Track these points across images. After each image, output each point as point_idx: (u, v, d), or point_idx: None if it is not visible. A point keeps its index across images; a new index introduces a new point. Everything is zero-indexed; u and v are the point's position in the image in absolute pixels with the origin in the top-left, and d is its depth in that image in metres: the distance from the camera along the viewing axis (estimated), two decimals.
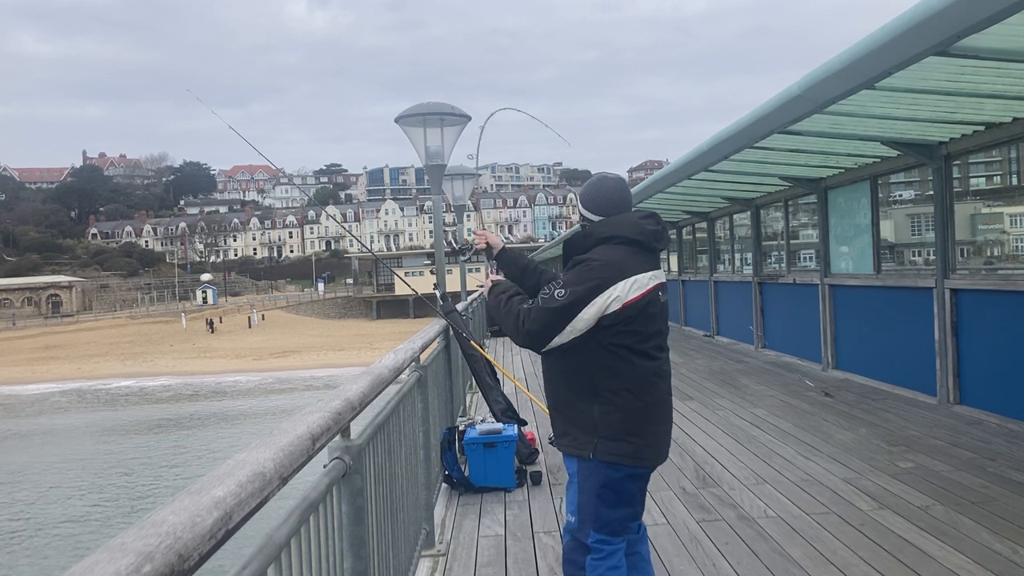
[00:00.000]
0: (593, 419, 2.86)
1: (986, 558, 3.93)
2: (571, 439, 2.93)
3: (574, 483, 2.94)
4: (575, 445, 2.91)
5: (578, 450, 2.90)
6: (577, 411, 2.90)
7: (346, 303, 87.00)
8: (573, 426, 2.92)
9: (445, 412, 6.04)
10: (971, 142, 7.15)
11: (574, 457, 2.93)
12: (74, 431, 32.19)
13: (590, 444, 2.86)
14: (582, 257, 2.89)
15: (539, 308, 2.83)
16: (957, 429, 6.70)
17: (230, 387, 42.27)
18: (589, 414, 2.87)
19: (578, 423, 2.90)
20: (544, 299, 2.83)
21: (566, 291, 2.80)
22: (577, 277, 2.83)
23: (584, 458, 2.88)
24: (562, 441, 2.99)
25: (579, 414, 2.90)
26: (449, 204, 14.26)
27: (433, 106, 7.26)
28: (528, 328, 2.84)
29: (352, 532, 2.39)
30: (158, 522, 1.06)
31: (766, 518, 4.75)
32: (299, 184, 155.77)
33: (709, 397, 8.89)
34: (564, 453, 3.02)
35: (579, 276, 2.83)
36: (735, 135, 7.44)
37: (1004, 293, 6.88)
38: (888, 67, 4.89)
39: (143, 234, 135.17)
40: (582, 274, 2.83)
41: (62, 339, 64.12)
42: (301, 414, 1.95)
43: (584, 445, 2.87)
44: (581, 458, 2.90)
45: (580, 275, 2.83)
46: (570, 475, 2.99)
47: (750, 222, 13.21)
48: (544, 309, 2.81)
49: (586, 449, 2.87)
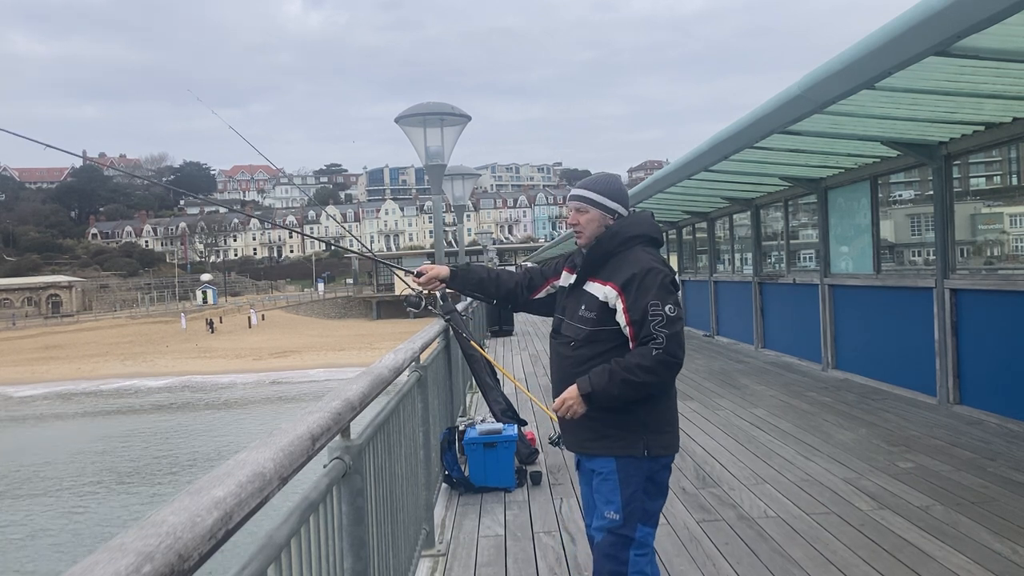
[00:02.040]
0: (640, 417, 2.87)
1: (986, 558, 3.93)
2: (613, 440, 2.88)
3: (610, 480, 2.88)
4: (621, 446, 2.87)
5: (627, 450, 2.86)
6: (624, 412, 2.86)
7: (346, 303, 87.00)
8: (616, 427, 2.87)
9: (445, 412, 6.04)
10: (971, 142, 7.15)
11: (611, 456, 2.88)
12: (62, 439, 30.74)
13: (640, 441, 2.86)
14: (642, 268, 2.85)
15: (672, 335, 2.78)
16: (957, 429, 6.70)
17: (227, 387, 42.27)
18: (635, 412, 2.87)
19: (622, 424, 2.87)
20: (666, 325, 2.78)
21: (672, 305, 2.82)
22: (666, 288, 2.83)
23: (631, 455, 2.86)
24: (596, 445, 2.92)
25: (625, 414, 2.86)
26: (449, 204, 14.27)
27: (433, 106, 7.27)
28: (679, 357, 2.81)
29: (352, 532, 2.39)
30: (158, 522, 1.06)
31: (766, 518, 4.75)
32: (299, 184, 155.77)
33: (709, 397, 8.89)
34: (599, 455, 2.93)
35: (666, 286, 2.84)
36: (735, 135, 7.43)
37: (1004, 293, 6.88)
38: (888, 67, 4.89)
39: (143, 234, 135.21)
40: (666, 281, 2.85)
41: (62, 339, 64.11)
42: (301, 414, 1.95)
43: (633, 444, 2.86)
44: (624, 456, 2.86)
45: (666, 285, 2.84)
46: (603, 474, 2.90)
47: (750, 222, 13.21)
48: (675, 333, 2.79)
49: (636, 448, 2.86)
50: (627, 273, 2.85)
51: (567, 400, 2.90)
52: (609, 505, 2.88)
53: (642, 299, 2.81)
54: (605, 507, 2.89)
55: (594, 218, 2.98)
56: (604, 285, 2.90)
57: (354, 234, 10.17)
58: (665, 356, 2.76)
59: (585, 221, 2.99)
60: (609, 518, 2.87)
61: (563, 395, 2.93)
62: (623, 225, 2.97)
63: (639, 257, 2.89)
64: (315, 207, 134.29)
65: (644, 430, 2.87)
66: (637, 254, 2.91)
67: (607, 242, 2.94)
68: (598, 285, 2.92)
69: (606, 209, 2.99)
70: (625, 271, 2.86)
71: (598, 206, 3.00)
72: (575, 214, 3.01)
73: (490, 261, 50.73)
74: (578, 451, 3.05)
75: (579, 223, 3.00)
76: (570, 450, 3.10)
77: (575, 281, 3.03)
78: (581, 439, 2.97)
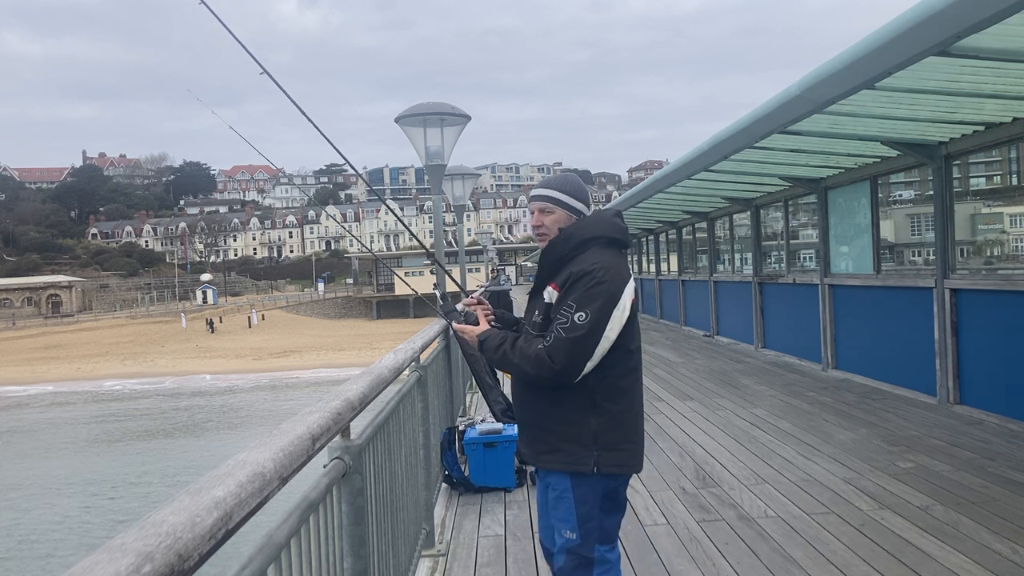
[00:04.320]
0: (591, 431, 2.72)
1: (986, 558, 3.93)
2: (564, 455, 2.74)
3: (566, 499, 2.76)
4: (571, 461, 2.73)
5: (576, 466, 2.73)
6: (572, 425, 2.73)
7: (346, 303, 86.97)
8: (568, 442, 2.74)
9: (445, 412, 6.04)
10: (971, 142, 7.15)
11: (565, 473, 2.75)
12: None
13: (590, 458, 2.72)
14: (580, 269, 2.68)
15: (564, 340, 2.61)
16: (957, 429, 6.70)
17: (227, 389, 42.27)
18: (586, 426, 2.72)
19: (573, 438, 2.73)
20: (565, 328, 2.62)
21: (585, 313, 2.61)
22: (589, 293, 2.63)
23: (584, 473, 2.73)
24: (550, 458, 2.79)
25: (574, 428, 2.73)
26: (449, 204, 14.26)
27: (433, 106, 7.27)
28: (560, 367, 2.62)
29: (352, 532, 2.39)
30: (158, 522, 1.06)
31: (766, 518, 4.75)
32: (299, 184, 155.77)
33: (709, 397, 8.89)
34: (550, 470, 2.82)
35: (591, 292, 2.63)
36: (735, 135, 7.44)
37: (1004, 293, 6.88)
38: (888, 67, 4.89)
39: (143, 234, 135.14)
40: (592, 289, 2.64)
41: (62, 339, 64.13)
42: (301, 414, 1.95)
43: (583, 460, 2.72)
44: (579, 473, 2.73)
45: (591, 290, 2.64)
46: (558, 491, 2.78)
47: (750, 222, 13.21)
48: (570, 339, 2.61)
49: (586, 464, 2.72)
50: (566, 274, 2.71)
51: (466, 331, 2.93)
52: (565, 524, 2.77)
53: (564, 299, 2.68)
54: (561, 525, 2.78)
55: (559, 219, 2.82)
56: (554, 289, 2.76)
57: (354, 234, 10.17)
58: (544, 355, 2.63)
59: (550, 222, 2.83)
60: (567, 537, 2.76)
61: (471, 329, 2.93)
62: (577, 227, 2.79)
63: (586, 258, 2.71)
64: (315, 207, 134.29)
65: (595, 446, 2.72)
66: (587, 255, 2.72)
67: (560, 246, 2.78)
68: (549, 288, 2.78)
69: (572, 210, 2.84)
70: (566, 272, 2.71)
71: (564, 206, 2.84)
72: (539, 215, 2.84)
73: (490, 261, 50.74)
74: (533, 463, 2.94)
75: (543, 224, 2.83)
76: (525, 462, 3.03)
77: (533, 288, 2.90)
78: (536, 451, 2.85)
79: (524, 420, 2.91)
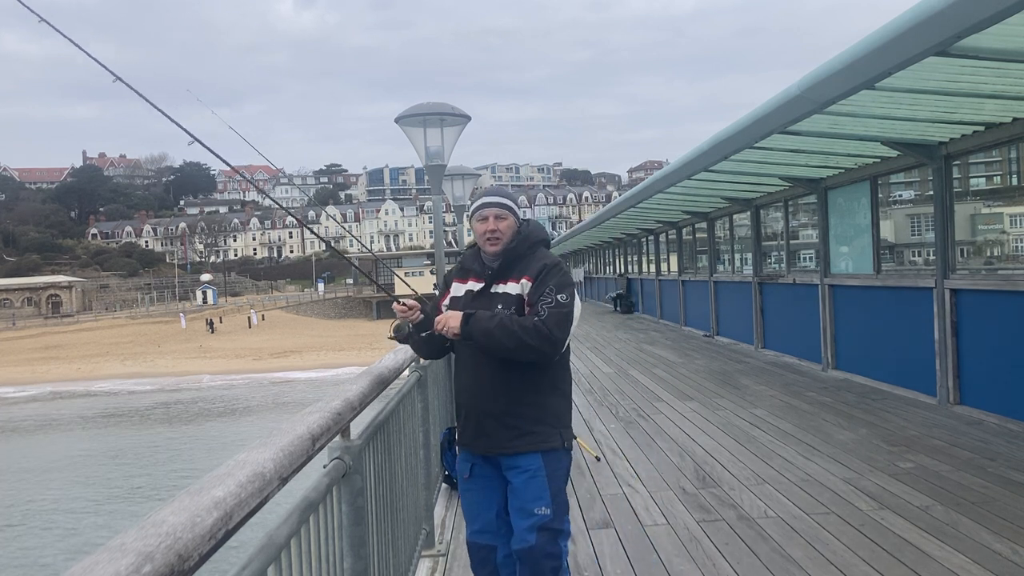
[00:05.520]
0: (556, 411, 3.11)
1: (986, 558, 3.93)
2: (535, 436, 3.05)
3: (539, 477, 3.02)
4: (542, 439, 3.05)
5: (547, 443, 3.05)
6: (541, 407, 3.07)
7: (346, 303, 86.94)
8: (538, 423, 3.05)
9: (445, 412, 6.03)
10: (971, 142, 7.15)
11: (536, 452, 3.03)
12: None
13: (556, 435, 3.08)
14: (550, 261, 3.10)
15: (555, 313, 2.97)
16: (957, 429, 6.70)
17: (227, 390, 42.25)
18: (552, 407, 3.10)
19: (542, 419, 3.06)
20: (552, 307, 2.98)
21: (565, 295, 3.00)
22: (564, 280, 3.05)
23: (553, 449, 3.06)
24: (521, 442, 3.04)
25: (542, 410, 3.07)
26: (449, 204, 14.27)
27: (433, 106, 7.27)
28: (556, 337, 2.95)
29: (352, 532, 2.39)
30: (158, 522, 1.06)
31: (766, 518, 4.75)
32: (299, 184, 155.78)
33: (709, 397, 8.89)
34: (520, 453, 3.04)
35: (564, 280, 3.06)
36: (735, 135, 7.44)
37: (1004, 293, 6.88)
38: (888, 67, 4.89)
39: (143, 234, 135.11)
40: (564, 278, 3.07)
41: (62, 339, 64.10)
42: (301, 414, 1.95)
43: (551, 437, 3.06)
44: (549, 451, 3.05)
45: (564, 279, 3.06)
46: (530, 472, 3.03)
47: (750, 222, 13.21)
48: (560, 314, 2.97)
49: (554, 440, 3.06)
50: (539, 265, 3.09)
51: (449, 318, 3.03)
52: (538, 501, 3.01)
53: (544, 284, 3.04)
54: (534, 504, 3.01)
55: (511, 225, 3.18)
56: (518, 281, 3.08)
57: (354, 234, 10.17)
58: (542, 325, 2.94)
59: (505, 228, 3.16)
60: (540, 514, 3.00)
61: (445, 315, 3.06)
62: (530, 231, 3.22)
63: (544, 254, 3.17)
64: (315, 207, 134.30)
65: (559, 423, 3.11)
66: (542, 252, 3.19)
67: (521, 246, 3.16)
68: (512, 283, 3.09)
69: (517, 217, 3.23)
70: (536, 264, 3.10)
71: (514, 213, 3.22)
72: (494, 221, 3.15)
73: None
74: (499, 452, 3.08)
75: (499, 229, 3.16)
76: (488, 454, 3.10)
77: (484, 285, 3.14)
78: (502, 440, 3.06)
79: (488, 410, 3.08)
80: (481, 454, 3.13)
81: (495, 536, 3.13)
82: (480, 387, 3.10)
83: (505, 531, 3.11)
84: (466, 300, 3.15)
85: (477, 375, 3.12)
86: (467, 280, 3.20)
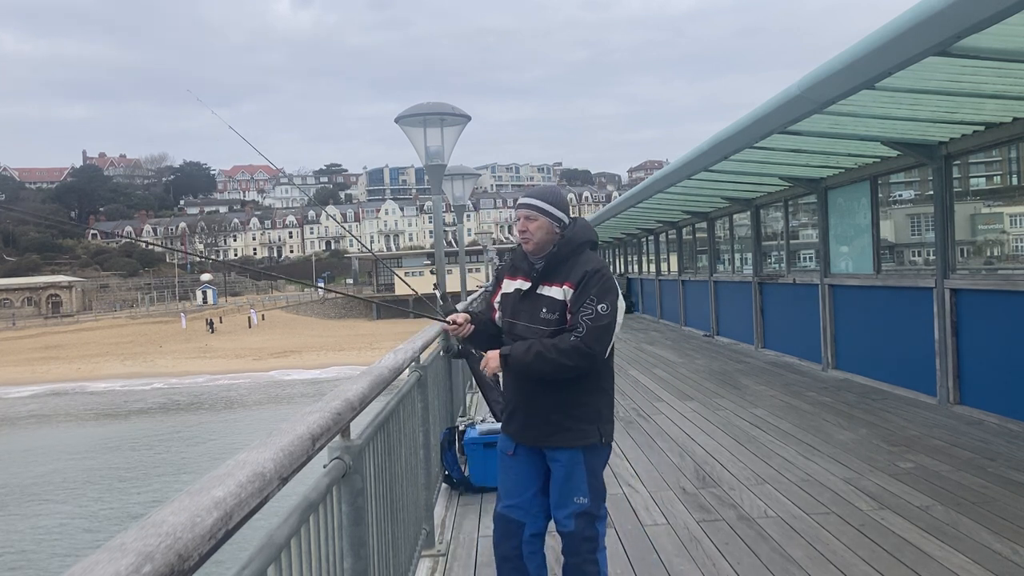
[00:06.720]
0: (598, 409, 3.19)
1: (986, 558, 3.93)
2: (578, 433, 3.14)
3: (578, 471, 3.15)
4: (583, 436, 3.15)
5: (586, 439, 3.15)
6: (584, 406, 3.16)
7: (346, 303, 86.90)
8: (580, 421, 3.14)
9: (445, 412, 6.04)
10: (971, 142, 7.15)
11: (577, 448, 3.15)
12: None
13: (595, 432, 3.17)
14: (592, 268, 3.13)
15: (594, 328, 3.05)
16: (957, 429, 6.70)
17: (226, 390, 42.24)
18: (594, 406, 3.18)
19: (581, 417, 3.15)
20: (592, 319, 3.05)
21: (606, 305, 3.07)
22: (605, 288, 3.10)
23: (592, 445, 3.17)
24: (560, 438, 3.15)
25: (585, 408, 3.16)
26: (449, 204, 14.27)
27: (433, 106, 7.27)
28: (595, 352, 3.05)
29: (352, 532, 2.39)
30: (158, 522, 1.06)
31: (766, 518, 4.75)
32: (299, 184, 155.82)
33: (709, 397, 8.89)
34: (559, 447, 3.17)
35: (606, 287, 3.11)
36: (735, 135, 7.44)
37: (1004, 293, 6.88)
38: (888, 67, 4.89)
39: (143, 234, 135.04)
40: (606, 284, 3.11)
41: (62, 339, 64.09)
42: (301, 414, 1.95)
43: (591, 434, 3.16)
44: (589, 446, 3.16)
45: (606, 285, 3.11)
46: (568, 467, 3.16)
47: (750, 222, 13.21)
48: (599, 327, 3.05)
49: (593, 436, 3.16)
50: (580, 272, 3.13)
51: (489, 359, 3.19)
52: (576, 492, 3.17)
53: (585, 293, 3.10)
54: (573, 494, 3.16)
55: (542, 225, 3.19)
56: (561, 286, 3.14)
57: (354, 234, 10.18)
58: (581, 344, 3.03)
59: (534, 228, 3.19)
60: (578, 503, 3.17)
61: (486, 357, 3.22)
62: (574, 233, 3.23)
63: (589, 258, 3.21)
64: (315, 207, 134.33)
65: (599, 419, 3.19)
66: (587, 256, 3.22)
67: (564, 248, 3.19)
68: (556, 288, 3.15)
69: (553, 218, 3.21)
70: (578, 270, 3.14)
71: (546, 214, 3.21)
72: (525, 221, 3.22)
73: (490, 261, 50.71)
74: (540, 445, 3.22)
75: (528, 230, 3.21)
76: (530, 445, 3.24)
77: (531, 286, 3.22)
78: (543, 434, 3.19)
79: (534, 409, 3.20)
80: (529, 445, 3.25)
81: (526, 514, 3.24)
82: (527, 386, 3.20)
83: (536, 511, 3.25)
84: (515, 298, 3.26)
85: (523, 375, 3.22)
86: (516, 278, 3.30)
